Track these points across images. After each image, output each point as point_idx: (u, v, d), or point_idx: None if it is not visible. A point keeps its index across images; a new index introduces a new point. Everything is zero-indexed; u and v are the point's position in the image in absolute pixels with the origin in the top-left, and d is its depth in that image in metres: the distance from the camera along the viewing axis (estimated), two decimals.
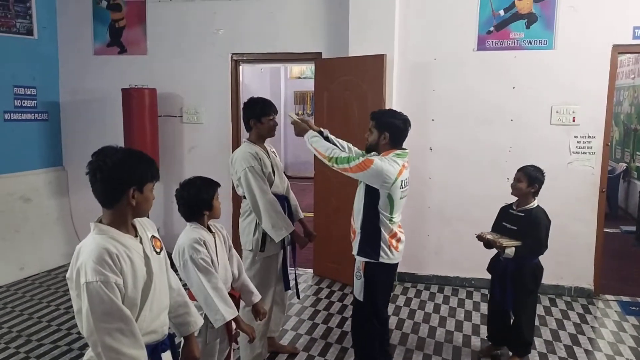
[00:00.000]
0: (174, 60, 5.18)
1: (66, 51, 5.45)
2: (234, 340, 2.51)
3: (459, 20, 4.45)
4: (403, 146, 2.83)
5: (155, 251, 1.77)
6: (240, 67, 5.20)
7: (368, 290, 2.79)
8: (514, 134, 4.43)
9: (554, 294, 4.48)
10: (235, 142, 5.10)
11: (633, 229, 6.46)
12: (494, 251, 3.23)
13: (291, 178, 4.14)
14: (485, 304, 4.05)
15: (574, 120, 4.32)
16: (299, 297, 3.76)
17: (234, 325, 2.36)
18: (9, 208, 4.97)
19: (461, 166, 4.55)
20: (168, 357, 1.85)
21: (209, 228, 2.39)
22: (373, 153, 2.81)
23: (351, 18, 4.49)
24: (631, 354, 3.47)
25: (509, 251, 3.05)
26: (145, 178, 1.69)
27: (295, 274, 3.31)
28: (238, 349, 3.12)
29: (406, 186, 2.78)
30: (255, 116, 3.05)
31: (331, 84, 4.63)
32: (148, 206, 1.73)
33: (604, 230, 4.49)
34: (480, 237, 3.21)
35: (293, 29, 4.88)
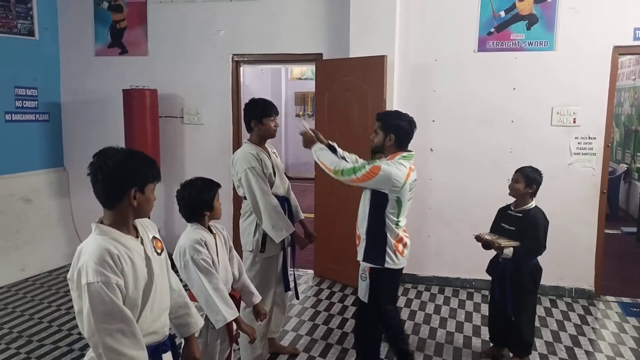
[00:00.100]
0: (175, 61, 5.19)
1: (67, 52, 5.46)
2: (234, 341, 2.51)
3: (460, 21, 4.46)
4: (408, 148, 2.82)
5: (156, 252, 1.77)
6: (241, 68, 5.20)
7: (373, 292, 2.79)
8: (514, 135, 4.43)
9: (555, 295, 4.48)
10: (236, 143, 5.10)
11: (634, 230, 6.45)
12: (494, 252, 3.23)
13: (292, 179, 4.14)
14: (485, 305, 4.05)
15: (574, 122, 4.32)
16: (298, 298, 3.77)
17: (234, 326, 2.37)
18: (9, 209, 4.97)
19: (462, 167, 4.55)
20: (169, 358, 1.85)
21: (209, 229, 2.39)
22: (377, 158, 2.78)
23: (352, 19, 4.49)
24: (632, 355, 3.47)
25: (508, 251, 3.05)
26: (147, 179, 1.69)
27: (294, 274, 3.31)
28: (239, 350, 3.12)
29: (413, 188, 2.78)
30: (256, 117, 3.06)
31: (332, 85, 4.64)
32: (149, 207, 1.73)
33: (605, 231, 4.49)
34: (478, 238, 3.21)
35: (294, 30, 4.89)
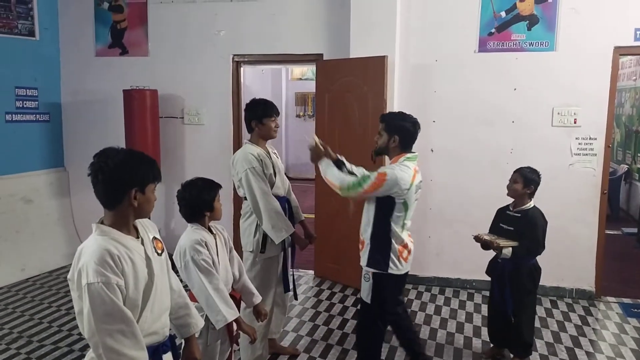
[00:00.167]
0: (176, 61, 5.19)
1: (68, 52, 5.46)
2: (235, 342, 2.51)
3: (460, 22, 4.45)
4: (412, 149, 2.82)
5: (157, 252, 1.77)
6: (242, 69, 5.20)
7: (376, 295, 2.78)
8: (515, 136, 4.43)
9: (555, 296, 4.47)
10: (237, 144, 5.10)
11: (634, 230, 6.45)
12: (493, 253, 3.23)
13: (292, 179, 4.14)
14: (486, 306, 4.04)
15: (575, 122, 4.32)
16: (296, 299, 3.76)
17: (235, 326, 2.37)
18: (10, 209, 4.97)
19: (462, 167, 4.55)
20: (169, 359, 1.85)
21: (209, 229, 2.39)
22: (382, 168, 2.76)
23: (352, 19, 4.49)
24: (632, 356, 3.46)
25: (506, 251, 3.06)
26: (147, 179, 1.69)
27: (293, 275, 3.30)
28: (239, 351, 3.12)
29: (419, 190, 2.78)
30: (257, 117, 3.05)
31: (332, 86, 4.63)
32: (150, 207, 1.73)
33: (605, 232, 4.48)
34: (477, 238, 3.22)
35: (294, 30, 4.89)
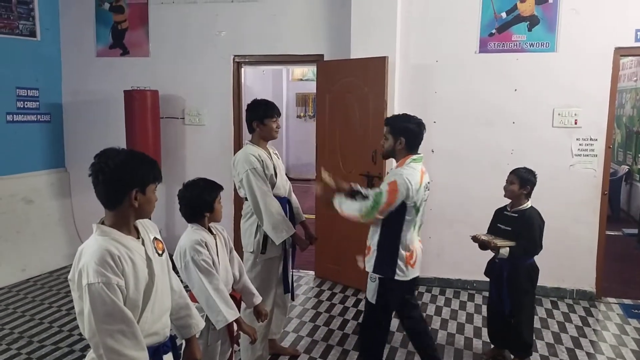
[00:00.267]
0: (176, 62, 5.19)
1: (69, 53, 5.47)
2: (235, 342, 2.51)
3: (461, 22, 4.45)
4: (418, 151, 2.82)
5: (158, 253, 1.77)
6: (242, 69, 5.21)
7: (381, 297, 2.77)
8: (515, 136, 4.43)
9: (556, 297, 4.47)
10: (237, 144, 5.10)
11: (635, 231, 6.44)
12: (492, 253, 3.23)
13: (293, 180, 4.14)
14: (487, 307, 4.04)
15: (576, 123, 4.31)
16: (293, 299, 3.75)
17: (235, 326, 2.37)
18: (11, 209, 4.97)
19: (463, 168, 4.55)
20: (170, 359, 1.85)
21: (209, 230, 2.39)
22: (388, 177, 2.74)
23: (353, 20, 4.49)
24: (633, 356, 3.46)
25: (503, 251, 3.07)
26: (148, 179, 1.69)
27: (291, 275, 3.30)
28: (239, 351, 3.12)
29: (428, 190, 2.79)
30: (258, 118, 3.06)
31: (333, 86, 4.64)
32: (150, 208, 1.73)
33: (606, 232, 4.48)
34: (475, 239, 3.23)
35: (295, 31, 4.89)
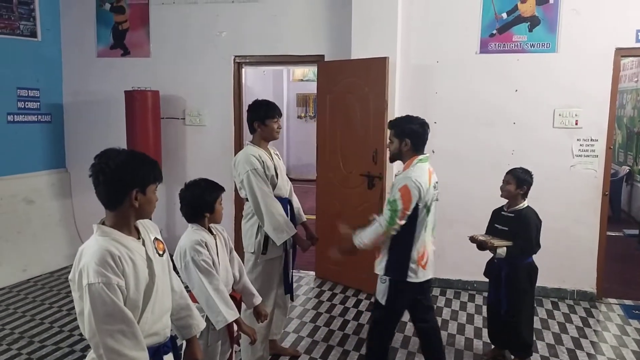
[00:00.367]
0: (177, 62, 5.20)
1: (69, 53, 5.47)
2: (235, 343, 2.51)
3: (462, 23, 4.45)
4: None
5: (158, 253, 1.77)
6: (243, 70, 5.21)
7: (391, 299, 2.77)
8: (516, 137, 4.43)
9: (557, 297, 4.46)
10: (238, 145, 5.10)
11: (636, 232, 6.44)
12: (491, 254, 3.23)
13: (294, 180, 4.13)
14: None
15: (576, 123, 4.31)
16: (292, 300, 3.75)
17: (235, 327, 2.36)
18: (11, 209, 4.98)
19: (463, 169, 4.55)
20: None
21: (210, 230, 2.39)
22: (397, 182, 2.73)
23: (354, 21, 4.49)
24: (634, 357, 3.46)
25: (501, 251, 3.08)
26: (148, 180, 1.69)
27: (291, 276, 3.30)
28: (239, 351, 3.11)
29: (437, 190, 2.79)
30: (259, 118, 3.05)
31: (334, 87, 4.64)
32: (151, 208, 1.73)
33: (607, 233, 4.48)
34: (472, 239, 3.23)
35: (296, 32, 4.89)
